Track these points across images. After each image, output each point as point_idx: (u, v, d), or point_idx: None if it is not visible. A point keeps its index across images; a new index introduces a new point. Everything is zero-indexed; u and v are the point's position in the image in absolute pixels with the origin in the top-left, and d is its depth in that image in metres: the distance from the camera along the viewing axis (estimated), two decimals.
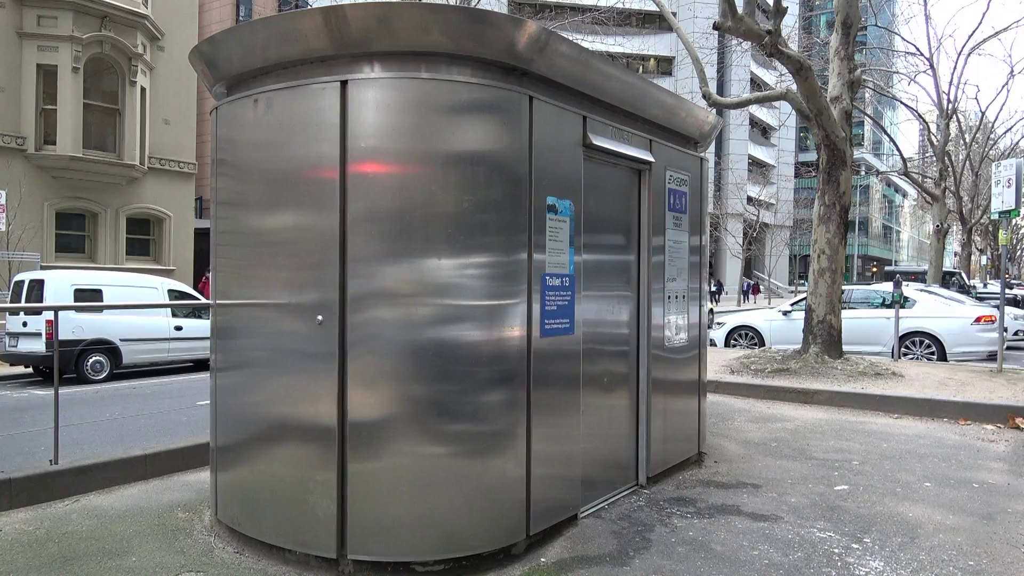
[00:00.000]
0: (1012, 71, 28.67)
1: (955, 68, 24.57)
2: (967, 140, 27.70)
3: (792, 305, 13.28)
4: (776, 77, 25.82)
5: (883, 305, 12.63)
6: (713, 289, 33.16)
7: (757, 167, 49.42)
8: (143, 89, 19.06)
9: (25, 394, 9.87)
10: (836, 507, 4.50)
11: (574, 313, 3.98)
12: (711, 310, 16.21)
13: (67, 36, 17.22)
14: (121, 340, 11.37)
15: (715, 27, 9.39)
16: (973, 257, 38.40)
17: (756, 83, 41.80)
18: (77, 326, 10.83)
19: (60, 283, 11.10)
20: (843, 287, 10.50)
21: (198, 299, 12.63)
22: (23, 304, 10.93)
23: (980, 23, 20.22)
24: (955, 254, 45.49)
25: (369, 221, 3.37)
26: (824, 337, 9.85)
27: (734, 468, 5.42)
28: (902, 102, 26.24)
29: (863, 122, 42.72)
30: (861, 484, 5.03)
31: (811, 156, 49.50)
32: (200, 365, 12.41)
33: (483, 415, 3.51)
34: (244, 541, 3.77)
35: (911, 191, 62.34)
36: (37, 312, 10.79)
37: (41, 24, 17.19)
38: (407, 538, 3.38)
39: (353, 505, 3.38)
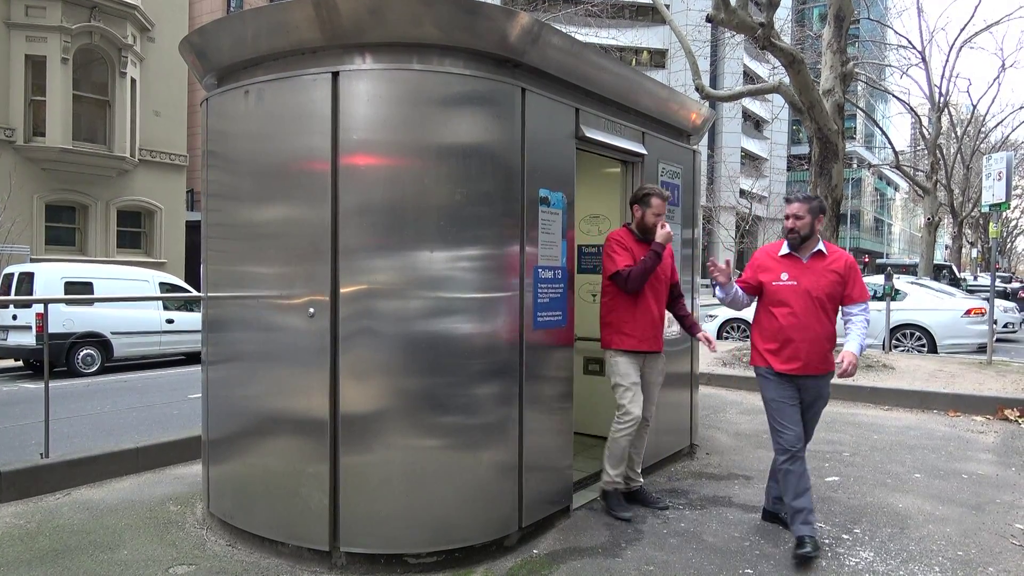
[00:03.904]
0: (1003, 64, 28.82)
1: (947, 61, 24.77)
2: (958, 133, 27.79)
3: None
4: (769, 70, 25.83)
5: (874, 297, 12.68)
6: None
7: (750, 160, 49.47)
8: (133, 80, 18.88)
9: (15, 388, 9.81)
10: (827, 498, 4.53)
11: (567, 305, 3.98)
12: None
13: (56, 27, 17.02)
14: (112, 333, 11.32)
15: (708, 19, 9.39)
16: (964, 250, 38.59)
17: (749, 76, 41.82)
18: (67, 319, 10.77)
19: (50, 276, 11.03)
20: None
21: (189, 292, 12.57)
22: (12, 297, 10.86)
23: (972, 16, 20.26)
24: (946, 247, 45.72)
25: (361, 214, 3.36)
26: None
27: (726, 460, 5.45)
28: (894, 95, 26.28)
29: (855, 115, 42.73)
30: (851, 475, 5.06)
31: (803, 149, 49.58)
32: (192, 358, 12.37)
33: (476, 407, 3.51)
34: (236, 534, 3.77)
35: (903, 184, 62.57)
36: (27, 305, 10.71)
37: (29, 14, 16.99)
38: (400, 530, 3.38)
39: (346, 498, 3.38)
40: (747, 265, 3.94)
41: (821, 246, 3.75)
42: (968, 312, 11.89)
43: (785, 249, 3.81)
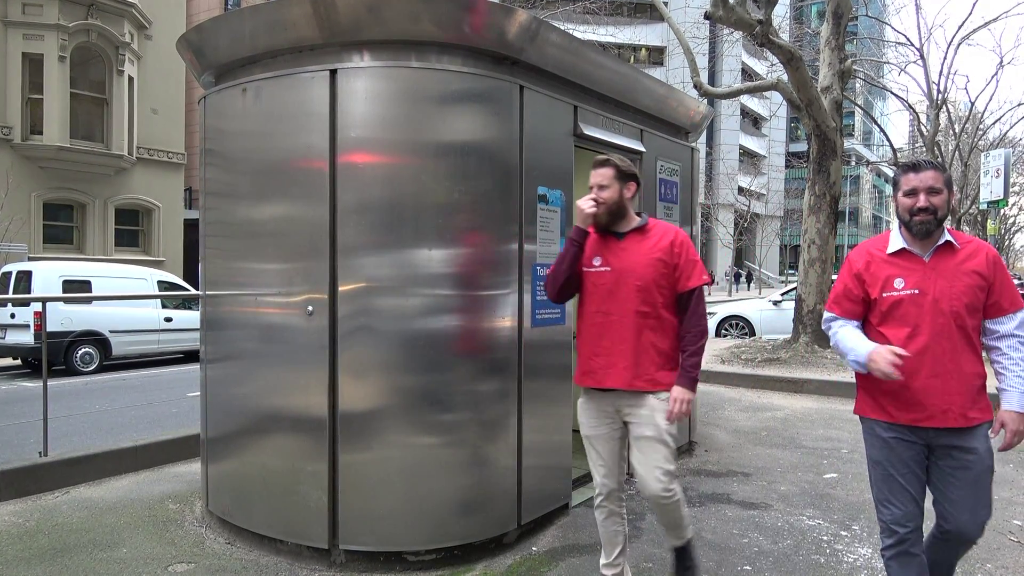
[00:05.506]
0: (1002, 61, 28.80)
1: (945, 58, 24.75)
2: (956, 131, 27.79)
3: (782, 295, 13.33)
4: (767, 67, 25.85)
5: None
6: None
7: (748, 157, 49.49)
8: (131, 78, 18.85)
9: (14, 386, 9.80)
10: (825, 495, 4.54)
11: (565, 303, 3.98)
12: None
13: (53, 24, 16.99)
14: (111, 332, 11.30)
15: (706, 16, 9.40)
16: None
17: (747, 73, 41.80)
18: (66, 318, 10.75)
19: (48, 274, 11.01)
20: (833, 277, 10.55)
21: (188, 290, 12.56)
22: (11, 295, 10.85)
23: (970, 13, 20.25)
24: None
25: (359, 212, 3.36)
26: (814, 327, 9.90)
27: (724, 457, 5.46)
28: (892, 92, 26.27)
29: (853, 112, 42.75)
30: (850, 472, 5.06)
31: (802, 147, 49.60)
32: (190, 356, 12.35)
33: (474, 405, 3.51)
34: (235, 532, 3.77)
35: None
36: (25, 303, 10.70)
37: (26, 12, 16.95)
38: (399, 528, 3.38)
39: (345, 495, 3.38)
40: (842, 271, 2.70)
41: (948, 235, 2.51)
42: None
43: (898, 243, 2.55)
